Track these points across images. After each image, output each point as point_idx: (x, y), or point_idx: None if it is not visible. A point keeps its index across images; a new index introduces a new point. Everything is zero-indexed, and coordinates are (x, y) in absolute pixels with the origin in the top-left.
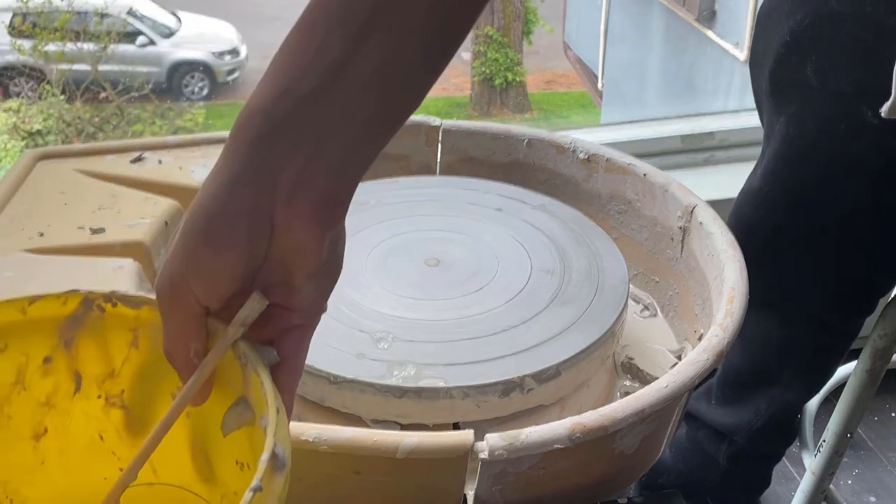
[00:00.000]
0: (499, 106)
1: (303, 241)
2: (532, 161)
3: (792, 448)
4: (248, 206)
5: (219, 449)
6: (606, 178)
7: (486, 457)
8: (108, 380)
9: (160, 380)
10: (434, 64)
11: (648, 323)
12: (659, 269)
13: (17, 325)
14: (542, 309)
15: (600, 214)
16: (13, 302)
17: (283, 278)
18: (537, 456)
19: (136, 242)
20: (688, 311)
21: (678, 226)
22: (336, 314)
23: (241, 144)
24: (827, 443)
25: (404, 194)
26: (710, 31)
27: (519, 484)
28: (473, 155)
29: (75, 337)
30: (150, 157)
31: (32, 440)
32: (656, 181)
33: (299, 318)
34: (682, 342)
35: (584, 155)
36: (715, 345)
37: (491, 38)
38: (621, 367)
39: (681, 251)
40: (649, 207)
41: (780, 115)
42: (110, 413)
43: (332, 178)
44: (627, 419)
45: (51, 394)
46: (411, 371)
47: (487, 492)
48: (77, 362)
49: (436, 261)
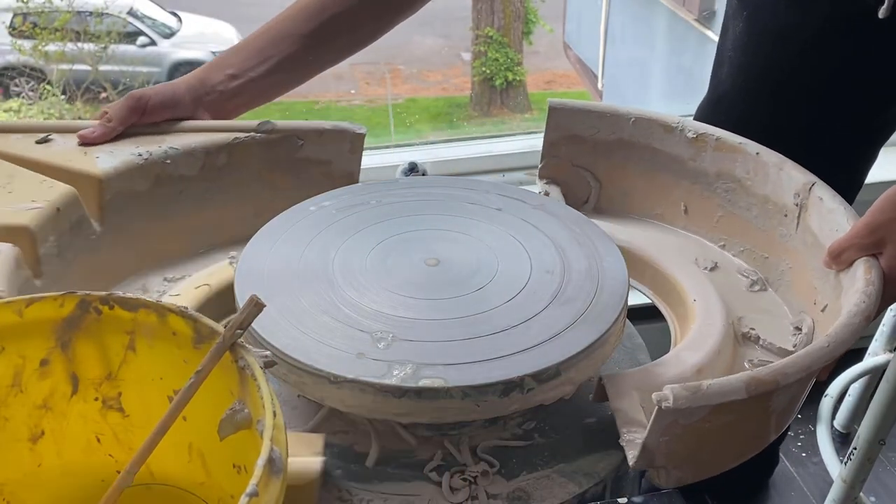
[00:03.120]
0: (499, 106)
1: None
2: (637, 140)
3: (792, 448)
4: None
5: (216, 452)
6: (715, 157)
7: (671, 405)
8: (105, 382)
9: (157, 383)
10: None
11: (759, 296)
12: (769, 245)
13: (14, 328)
14: (542, 309)
15: (706, 192)
16: (10, 304)
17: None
18: (707, 409)
19: (20, 227)
20: (804, 285)
21: (794, 203)
22: (336, 314)
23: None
24: (858, 450)
25: (404, 194)
26: (710, 31)
27: (684, 436)
28: (578, 133)
29: (72, 339)
30: (58, 140)
31: (29, 442)
32: (770, 160)
33: None
34: (800, 314)
35: (692, 134)
36: (863, 309)
37: (491, 39)
38: (742, 338)
39: (796, 227)
40: (761, 185)
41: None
42: (107, 415)
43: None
44: (796, 374)
45: (48, 396)
46: (411, 371)
47: (655, 442)
48: (74, 365)
49: (436, 260)
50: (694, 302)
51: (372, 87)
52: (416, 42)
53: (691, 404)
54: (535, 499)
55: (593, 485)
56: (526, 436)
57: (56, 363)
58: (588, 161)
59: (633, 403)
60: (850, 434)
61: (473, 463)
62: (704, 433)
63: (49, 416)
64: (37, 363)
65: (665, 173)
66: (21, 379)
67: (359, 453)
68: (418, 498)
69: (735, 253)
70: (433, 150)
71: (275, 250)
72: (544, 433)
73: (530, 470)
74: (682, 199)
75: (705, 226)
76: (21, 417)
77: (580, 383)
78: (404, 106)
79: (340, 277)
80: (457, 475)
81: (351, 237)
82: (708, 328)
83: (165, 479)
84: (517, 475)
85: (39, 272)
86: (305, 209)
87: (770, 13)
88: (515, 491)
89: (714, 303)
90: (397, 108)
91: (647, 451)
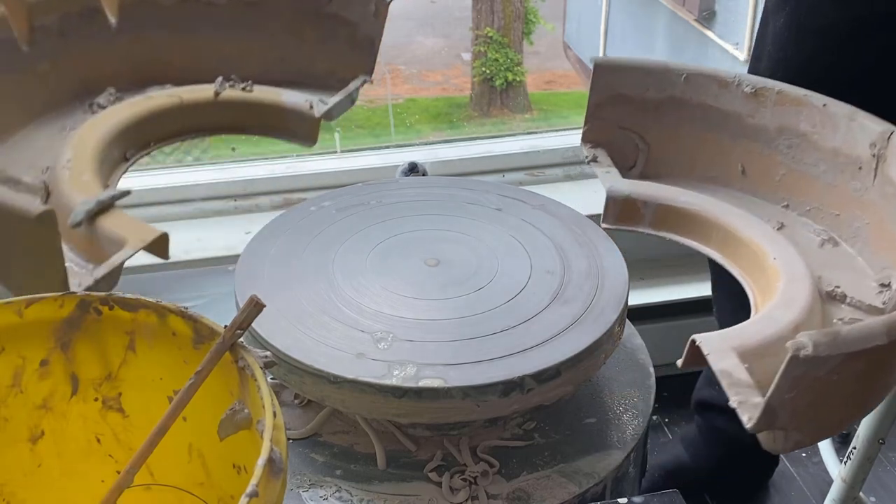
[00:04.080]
0: (499, 106)
1: None
2: (689, 97)
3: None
4: None
5: (215, 452)
6: (776, 112)
7: (810, 353)
8: (105, 383)
9: (157, 383)
10: None
11: (834, 254)
12: (841, 201)
13: (14, 328)
14: (542, 309)
15: (767, 151)
16: (10, 304)
17: None
18: (840, 358)
19: None
20: (885, 239)
21: (870, 154)
22: (336, 314)
23: None
24: (858, 449)
25: (404, 194)
26: (710, 32)
27: (810, 391)
28: (625, 92)
29: (72, 340)
30: None
31: (29, 443)
32: (839, 111)
33: None
34: (883, 270)
35: (749, 89)
36: None
37: (491, 39)
38: (827, 297)
39: (873, 180)
40: (829, 138)
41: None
42: (107, 416)
43: None
44: None
45: (48, 397)
46: (411, 371)
47: (780, 400)
48: (74, 365)
49: (436, 261)
50: (775, 261)
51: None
52: (416, 42)
53: (831, 351)
54: (535, 499)
55: (593, 485)
56: (526, 436)
57: (56, 363)
58: (636, 122)
59: (736, 364)
60: (849, 434)
61: (474, 463)
62: (831, 387)
63: (49, 416)
64: (37, 363)
65: (720, 132)
66: (21, 379)
67: (359, 454)
68: (418, 498)
69: (801, 213)
70: (433, 151)
71: (275, 250)
72: (544, 433)
73: (530, 470)
74: (740, 159)
75: (766, 186)
76: (21, 418)
77: (580, 383)
78: (404, 106)
79: (340, 277)
80: (457, 475)
81: (351, 237)
82: (796, 286)
83: (165, 479)
84: (517, 475)
85: (32, 40)
86: (305, 209)
87: (811, 8)
88: (515, 491)
89: (797, 261)
90: (397, 109)
91: (769, 411)
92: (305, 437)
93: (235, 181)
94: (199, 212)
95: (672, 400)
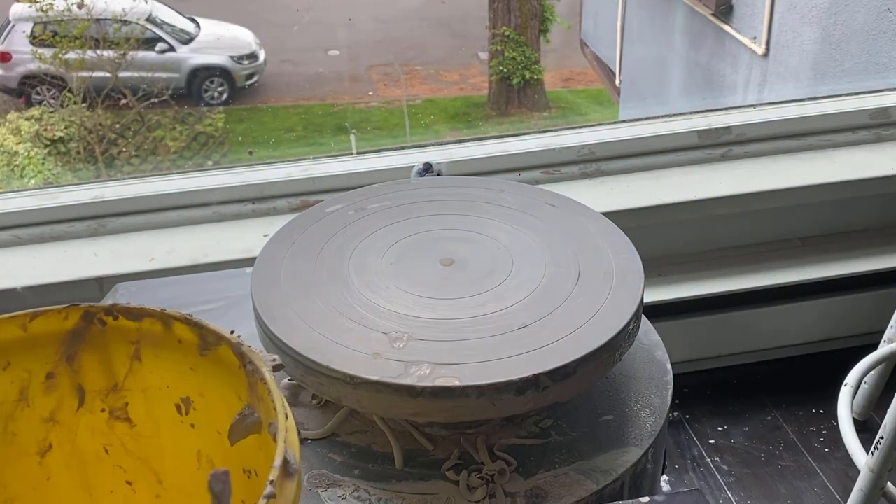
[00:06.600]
0: (517, 105)
1: None
2: None
3: (814, 444)
4: None
5: (225, 458)
6: None
7: None
8: (111, 393)
9: (164, 391)
10: None
11: None
12: None
13: (19, 342)
14: (556, 307)
15: None
16: (14, 318)
17: None
18: None
19: None
20: None
21: None
22: (352, 315)
23: None
24: (885, 439)
25: (418, 194)
26: (727, 26)
27: None
28: None
29: (77, 351)
30: None
31: (37, 456)
32: None
33: None
34: None
35: None
36: None
37: (508, 38)
38: None
39: None
40: None
41: None
42: (115, 426)
43: None
44: None
45: (54, 409)
46: (427, 370)
47: None
48: (80, 377)
49: (450, 260)
50: None
51: (389, 88)
52: (432, 42)
53: None
54: (552, 497)
55: (611, 482)
56: (543, 434)
57: (62, 376)
58: None
59: None
60: (866, 422)
61: (491, 461)
62: None
63: (56, 429)
64: (42, 377)
65: None
66: (27, 393)
67: (377, 453)
68: (436, 497)
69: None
70: (448, 151)
71: (291, 252)
72: (561, 431)
73: (548, 468)
74: None
75: None
76: (28, 432)
77: (596, 381)
78: (421, 107)
79: (356, 278)
80: (474, 474)
81: (366, 238)
82: None
83: (174, 487)
84: (534, 473)
85: None
86: (321, 211)
87: None
88: (533, 489)
89: None
90: (415, 109)
91: None
92: (323, 438)
93: (252, 184)
94: (217, 215)
95: (693, 397)
